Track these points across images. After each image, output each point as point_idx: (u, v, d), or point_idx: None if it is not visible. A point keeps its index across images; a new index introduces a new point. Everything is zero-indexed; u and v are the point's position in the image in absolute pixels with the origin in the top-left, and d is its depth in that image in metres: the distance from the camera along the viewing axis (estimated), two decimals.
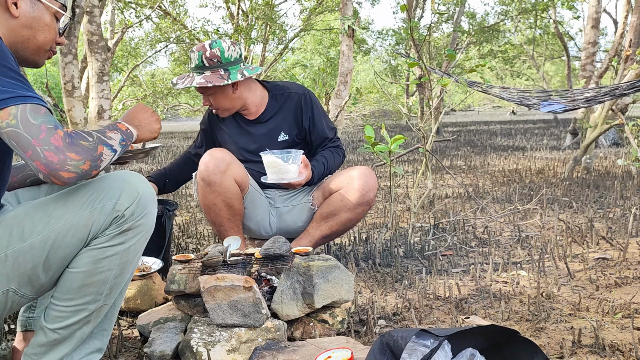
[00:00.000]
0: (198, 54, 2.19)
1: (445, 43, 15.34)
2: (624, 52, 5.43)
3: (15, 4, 1.22)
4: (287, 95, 2.37)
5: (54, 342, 1.26)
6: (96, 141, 1.18)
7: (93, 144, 1.16)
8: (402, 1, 12.74)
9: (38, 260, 1.19)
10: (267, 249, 1.79)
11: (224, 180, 2.18)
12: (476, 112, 34.29)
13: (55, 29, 1.31)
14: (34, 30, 1.25)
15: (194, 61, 2.21)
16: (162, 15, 11.77)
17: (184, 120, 33.35)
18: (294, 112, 2.35)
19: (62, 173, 1.10)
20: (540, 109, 3.95)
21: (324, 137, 2.38)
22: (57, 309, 1.24)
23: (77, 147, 1.13)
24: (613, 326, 1.77)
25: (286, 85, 2.42)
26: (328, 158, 2.34)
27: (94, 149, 1.16)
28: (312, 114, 2.36)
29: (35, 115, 1.10)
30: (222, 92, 2.24)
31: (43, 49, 1.30)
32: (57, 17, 1.31)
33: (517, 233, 3.06)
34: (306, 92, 2.41)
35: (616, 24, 13.11)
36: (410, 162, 7.27)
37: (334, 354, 1.35)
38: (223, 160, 2.19)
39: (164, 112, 14.26)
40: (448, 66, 12.07)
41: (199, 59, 2.19)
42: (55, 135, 1.10)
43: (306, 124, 2.36)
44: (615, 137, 8.45)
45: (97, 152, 1.16)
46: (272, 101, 2.38)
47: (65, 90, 5.29)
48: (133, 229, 1.23)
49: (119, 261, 1.23)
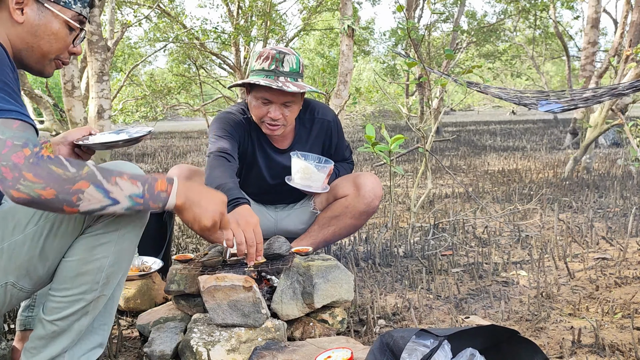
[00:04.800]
0: (296, 57, 1.99)
1: (444, 43, 15.34)
2: (624, 52, 5.43)
3: (21, 10, 1.18)
4: (316, 122, 2.25)
5: (53, 335, 1.26)
6: (81, 176, 1.06)
7: (71, 175, 1.05)
8: (400, 2, 12.74)
9: (34, 251, 1.20)
10: (267, 248, 1.79)
11: None
12: (476, 112, 34.30)
13: (64, 38, 1.25)
14: (38, 38, 1.21)
15: (289, 64, 1.97)
16: (160, 14, 11.76)
17: (184, 120, 33.37)
18: (322, 140, 2.28)
19: (11, 191, 1.02)
20: (538, 108, 3.95)
21: (341, 158, 2.39)
22: (54, 299, 1.25)
23: (41, 169, 1.03)
24: (613, 326, 1.77)
25: (314, 108, 2.25)
26: (339, 171, 2.34)
27: (70, 180, 1.05)
28: (338, 140, 2.33)
29: (4, 130, 1.04)
30: (300, 102, 2.07)
31: (47, 57, 1.25)
32: (71, 26, 1.25)
33: (517, 233, 3.06)
34: (335, 118, 2.30)
35: (616, 24, 13.10)
36: (410, 162, 7.27)
37: (333, 353, 1.35)
38: (181, 174, 2.10)
39: (163, 112, 14.24)
40: (447, 66, 12.08)
41: (297, 64, 1.99)
42: (19, 153, 1.02)
43: (331, 150, 2.33)
44: (615, 137, 8.46)
45: (72, 186, 1.05)
46: (300, 127, 2.23)
47: (65, 90, 5.29)
48: (127, 216, 1.23)
49: (114, 248, 1.23)
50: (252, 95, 2.05)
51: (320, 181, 2.04)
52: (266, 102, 2.01)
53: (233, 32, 11.78)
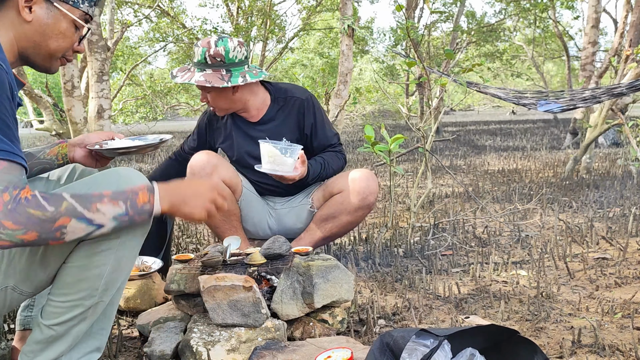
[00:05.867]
0: (202, 50, 2.11)
1: (443, 43, 15.34)
2: (624, 52, 5.43)
3: (30, 8, 1.19)
4: (289, 99, 2.31)
5: (50, 339, 1.26)
6: (60, 212, 1.06)
7: (50, 215, 1.05)
8: (400, 1, 12.74)
9: (35, 256, 1.19)
10: (267, 248, 1.79)
11: None
12: (476, 112, 34.30)
13: (71, 37, 1.26)
14: (46, 37, 1.22)
15: (197, 56, 2.13)
16: (160, 14, 11.76)
17: (184, 119, 33.34)
18: (296, 117, 2.30)
19: None
20: (537, 108, 3.94)
21: (325, 144, 2.33)
22: (53, 304, 1.24)
23: (20, 215, 1.02)
24: (613, 326, 1.77)
25: (289, 89, 2.35)
26: (326, 159, 2.29)
27: (50, 220, 1.05)
28: (315, 120, 2.30)
29: None
30: (222, 92, 2.18)
31: (55, 56, 1.27)
32: (77, 25, 1.27)
33: (517, 233, 3.06)
34: (309, 97, 2.33)
35: (616, 24, 13.11)
36: (410, 161, 7.27)
37: (333, 353, 1.35)
38: (209, 163, 2.16)
39: (163, 112, 14.24)
40: (447, 66, 12.07)
41: (202, 56, 2.11)
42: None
43: (307, 130, 2.30)
44: (615, 137, 8.46)
45: (53, 225, 1.05)
46: (273, 104, 2.31)
47: (64, 90, 5.29)
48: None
49: (114, 256, 1.22)
50: None
51: (287, 165, 2.01)
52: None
53: (233, 32, 11.77)
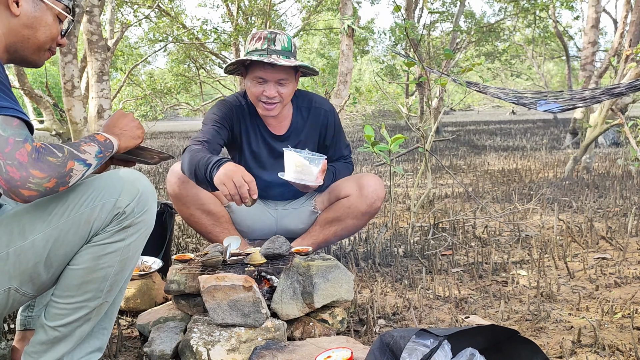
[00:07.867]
0: (287, 37, 2.06)
1: (443, 43, 15.34)
2: (624, 52, 5.43)
3: (17, 2, 1.22)
4: (312, 110, 2.28)
5: (54, 340, 1.26)
6: (66, 157, 1.13)
7: (62, 160, 1.11)
8: (400, 1, 12.74)
9: (39, 258, 1.19)
10: (267, 248, 1.79)
11: (188, 189, 2.13)
12: (476, 111, 34.29)
13: (56, 29, 1.31)
14: (34, 30, 1.25)
15: (281, 43, 2.03)
16: (160, 14, 11.76)
17: (184, 119, 33.37)
18: (319, 129, 2.29)
19: (22, 190, 1.06)
20: (537, 108, 3.94)
21: (338, 155, 2.37)
22: (57, 306, 1.25)
23: (43, 163, 1.07)
24: (613, 326, 1.77)
25: (311, 97, 2.31)
26: (337, 169, 2.31)
27: (63, 165, 1.11)
28: (334, 132, 2.32)
29: (5, 127, 1.06)
30: (294, 81, 2.11)
31: (43, 48, 1.30)
32: (60, 18, 1.31)
33: (517, 233, 3.06)
34: (332, 109, 2.33)
35: (616, 24, 13.11)
36: (410, 161, 7.27)
37: (333, 353, 1.35)
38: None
39: (162, 111, 14.25)
40: (447, 66, 12.07)
41: (289, 43, 2.06)
42: (21, 150, 1.06)
43: (327, 142, 2.32)
44: (615, 137, 8.46)
45: (65, 169, 1.11)
46: (297, 115, 2.27)
47: (65, 90, 5.29)
48: (133, 225, 1.23)
49: (120, 258, 1.24)
50: (248, 77, 2.11)
51: (313, 175, 2.01)
52: (261, 80, 2.06)
53: (233, 32, 11.77)
